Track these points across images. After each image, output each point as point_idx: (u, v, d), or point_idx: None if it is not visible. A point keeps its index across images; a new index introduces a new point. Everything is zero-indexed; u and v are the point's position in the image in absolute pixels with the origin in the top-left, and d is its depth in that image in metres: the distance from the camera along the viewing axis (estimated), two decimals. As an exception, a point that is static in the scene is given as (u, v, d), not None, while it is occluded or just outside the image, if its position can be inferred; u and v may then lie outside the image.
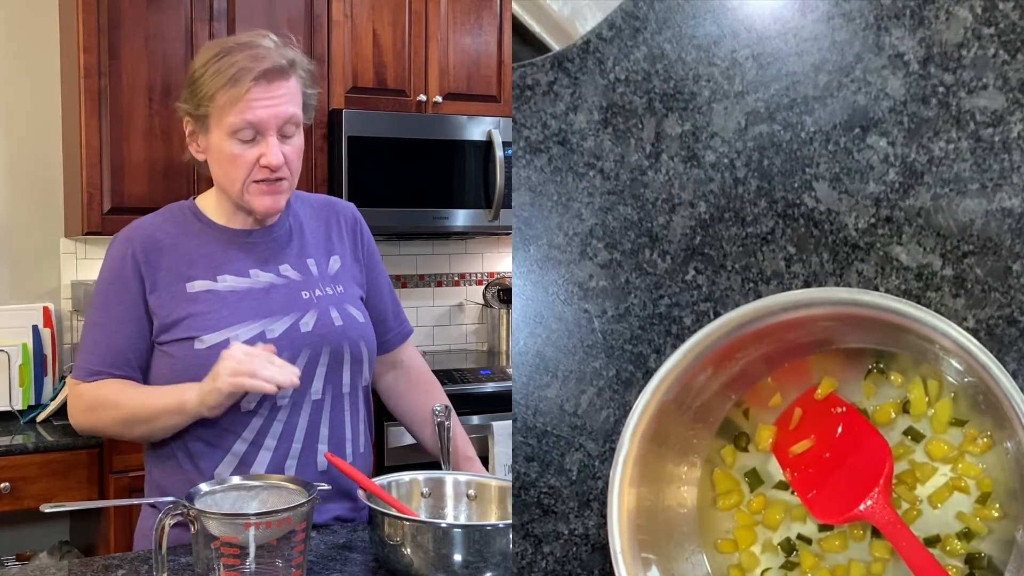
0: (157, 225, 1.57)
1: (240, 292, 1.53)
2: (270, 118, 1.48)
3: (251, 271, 1.55)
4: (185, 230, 1.56)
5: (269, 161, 1.48)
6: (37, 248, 3.11)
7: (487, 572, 1.23)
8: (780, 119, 1.03)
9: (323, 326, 1.55)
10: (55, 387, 2.96)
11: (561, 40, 1.11)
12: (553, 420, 1.06)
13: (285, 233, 1.61)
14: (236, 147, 1.49)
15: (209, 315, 1.49)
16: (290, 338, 1.51)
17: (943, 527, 0.96)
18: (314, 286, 1.58)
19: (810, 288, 1.01)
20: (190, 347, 1.48)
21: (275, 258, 1.58)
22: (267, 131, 1.48)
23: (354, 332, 1.58)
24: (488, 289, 3.71)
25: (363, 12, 3.18)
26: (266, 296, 1.53)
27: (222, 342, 1.47)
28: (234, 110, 1.47)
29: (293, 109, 1.50)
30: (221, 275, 1.53)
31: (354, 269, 1.67)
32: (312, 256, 1.61)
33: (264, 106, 1.47)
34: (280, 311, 1.53)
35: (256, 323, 1.50)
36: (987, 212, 0.98)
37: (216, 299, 1.50)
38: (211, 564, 1.17)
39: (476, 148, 3.29)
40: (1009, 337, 0.97)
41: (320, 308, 1.56)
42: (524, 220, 1.08)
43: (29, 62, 3.08)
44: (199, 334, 1.48)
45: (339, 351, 1.55)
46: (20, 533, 2.98)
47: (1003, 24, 0.98)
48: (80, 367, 1.53)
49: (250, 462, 1.49)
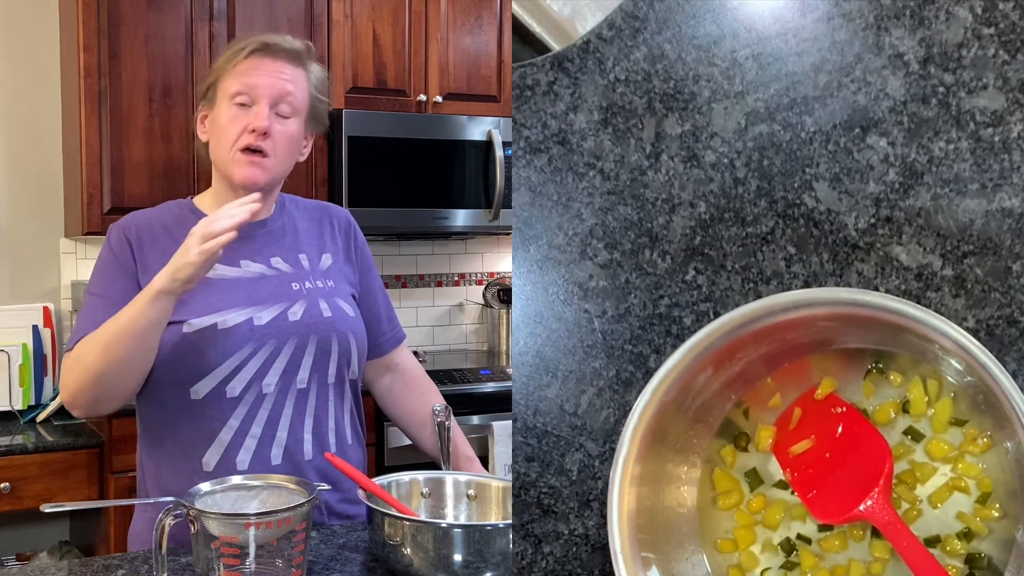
0: (154, 216, 1.60)
1: (229, 280, 1.54)
2: (265, 86, 1.53)
3: (241, 261, 1.57)
4: (181, 222, 1.57)
5: (256, 124, 1.51)
6: (37, 248, 3.11)
7: (487, 572, 1.23)
8: (780, 119, 1.03)
9: (311, 316, 1.56)
10: (55, 387, 2.96)
11: (561, 40, 1.11)
12: (553, 420, 1.06)
13: (278, 228, 1.63)
14: (232, 111, 1.53)
15: (197, 299, 1.50)
16: (278, 326, 1.52)
17: (943, 527, 0.96)
18: (304, 278, 1.59)
19: (810, 288, 1.01)
20: (179, 331, 1.49)
21: (267, 250, 1.60)
22: (260, 98, 1.53)
23: (342, 324, 1.59)
24: (488, 289, 3.71)
25: (363, 12, 3.18)
26: (255, 285, 1.55)
27: (210, 326, 1.49)
28: (234, 73, 1.54)
29: (292, 88, 1.55)
30: None
31: (346, 269, 1.68)
32: (304, 251, 1.63)
33: (262, 73, 1.53)
34: (269, 299, 1.54)
35: (244, 309, 1.52)
36: (987, 212, 0.98)
37: (205, 285, 1.50)
38: (211, 564, 1.17)
39: (476, 148, 3.29)
40: (1009, 337, 0.97)
41: (309, 299, 1.57)
42: (524, 220, 1.08)
43: (29, 62, 3.08)
44: (187, 318, 1.49)
45: (327, 342, 1.56)
46: (20, 533, 2.98)
47: (1003, 24, 0.98)
48: (73, 340, 1.50)
49: (236, 450, 1.50)
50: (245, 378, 1.50)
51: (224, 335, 1.49)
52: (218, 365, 1.49)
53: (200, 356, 1.49)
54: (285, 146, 1.55)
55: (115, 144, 2.86)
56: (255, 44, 1.54)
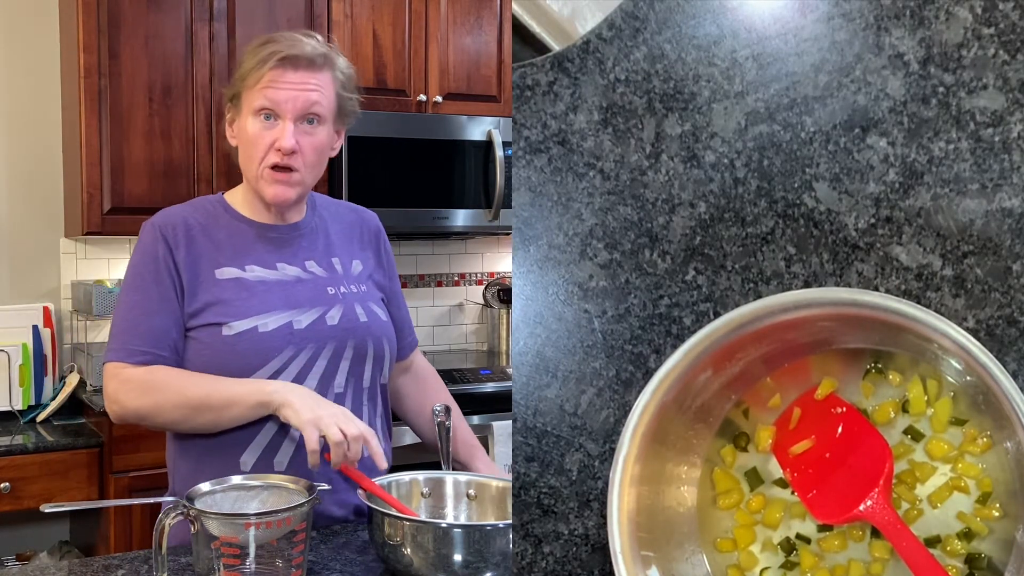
0: (187, 213, 1.59)
1: (268, 283, 1.55)
2: (287, 101, 1.51)
3: (277, 264, 1.58)
4: (214, 220, 1.59)
5: (281, 144, 1.51)
6: (37, 248, 3.11)
7: (487, 572, 1.23)
8: (780, 119, 1.03)
9: (349, 321, 1.57)
10: (55, 387, 2.96)
11: (561, 40, 1.11)
12: (553, 420, 1.06)
13: (310, 231, 1.64)
14: (256, 126, 1.53)
15: (237, 302, 1.51)
16: (316, 330, 1.54)
17: (943, 527, 0.96)
18: (339, 283, 1.61)
19: (810, 288, 1.01)
20: (218, 333, 1.50)
21: (301, 254, 1.61)
22: (284, 114, 1.52)
23: (378, 329, 1.61)
24: (488, 289, 3.71)
25: (363, 12, 3.18)
26: (293, 288, 1.56)
27: (250, 329, 1.50)
28: (257, 88, 1.52)
29: (316, 98, 1.53)
30: (249, 265, 1.56)
31: (377, 274, 1.70)
32: (336, 255, 1.64)
33: (284, 88, 1.51)
34: (307, 303, 1.55)
35: (284, 313, 1.53)
36: (987, 212, 0.98)
37: (244, 287, 1.52)
38: (211, 564, 1.17)
39: (476, 148, 3.29)
40: (1009, 337, 0.97)
41: (346, 304, 1.59)
42: (524, 220, 1.08)
43: (29, 62, 3.08)
44: (227, 320, 1.50)
45: (363, 346, 1.58)
46: (20, 533, 2.98)
47: (1003, 24, 0.98)
48: (120, 349, 1.50)
49: (275, 451, 1.50)
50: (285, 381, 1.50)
51: (264, 338, 1.50)
52: (258, 368, 1.50)
53: (240, 359, 1.49)
54: (313, 156, 1.56)
55: (115, 144, 2.86)
56: (278, 56, 1.51)
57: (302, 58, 1.52)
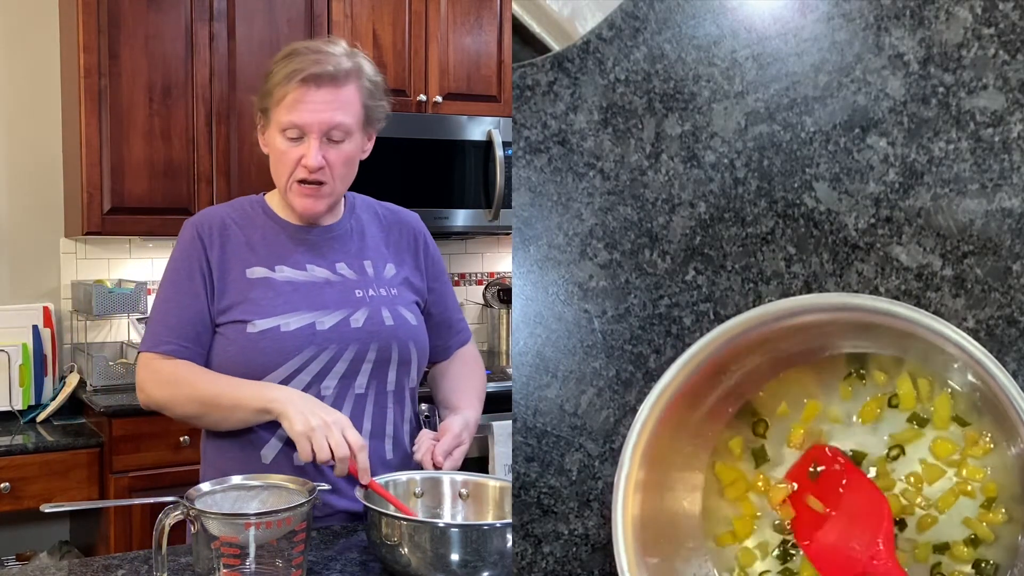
0: (226, 213, 1.64)
1: (295, 283, 1.58)
2: (313, 121, 1.53)
3: (308, 265, 1.60)
4: (251, 220, 1.62)
5: (307, 163, 1.54)
6: (37, 248, 3.11)
7: (484, 571, 1.23)
8: (780, 119, 1.03)
9: (373, 324, 1.59)
10: (55, 387, 2.96)
11: (561, 40, 1.11)
12: (553, 420, 1.06)
13: (345, 233, 1.65)
14: (284, 144, 1.55)
15: (263, 302, 1.55)
16: (339, 332, 1.56)
17: (950, 533, 0.95)
18: (368, 286, 1.62)
19: (811, 294, 1.01)
20: (242, 330, 1.53)
21: (332, 255, 1.63)
22: (310, 133, 1.54)
23: (404, 333, 1.62)
24: (488, 289, 3.71)
25: (363, 12, 3.18)
26: (320, 290, 1.58)
27: (273, 328, 1.53)
28: (283, 107, 1.54)
29: (341, 118, 1.54)
30: (279, 265, 1.59)
31: (414, 278, 1.70)
32: (369, 258, 1.65)
33: (309, 109, 1.52)
34: (332, 305, 1.57)
35: (308, 314, 1.55)
36: (987, 212, 0.98)
37: (271, 287, 1.56)
38: (211, 564, 1.17)
39: (476, 148, 3.29)
40: (1009, 337, 0.97)
41: (372, 307, 1.60)
42: (524, 220, 1.08)
43: (29, 62, 3.08)
44: (252, 318, 1.54)
45: (387, 349, 1.59)
46: (20, 533, 2.98)
47: (1003, 24, 0.98)
48: (152, 339, 1.56)
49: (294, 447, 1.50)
50: (304, 380, 1.53)
51: (286, 337, 1.53)
52: (279, 366, 1.53)
53: (262, 356, 1.53)
54: (342, 168, 1.58)
55: (115, 144, 2.86)
56: (300, 76, 1.51)
57: (325, 76, 1.52)
